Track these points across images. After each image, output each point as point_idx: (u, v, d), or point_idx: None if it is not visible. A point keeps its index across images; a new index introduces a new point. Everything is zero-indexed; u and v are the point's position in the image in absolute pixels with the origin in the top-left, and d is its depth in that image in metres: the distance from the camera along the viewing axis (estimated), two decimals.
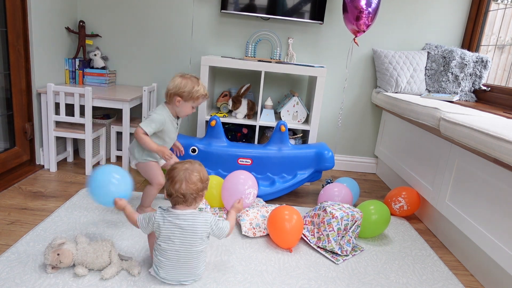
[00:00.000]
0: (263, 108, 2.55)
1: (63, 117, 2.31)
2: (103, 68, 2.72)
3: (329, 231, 1.71)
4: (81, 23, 2.66)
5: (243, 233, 1.79)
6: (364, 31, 2.35)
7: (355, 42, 2.43)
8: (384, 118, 2.87)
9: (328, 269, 1.60)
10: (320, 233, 1.74)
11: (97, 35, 2.75)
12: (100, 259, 1.39)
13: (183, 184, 1.32)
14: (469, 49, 2.77)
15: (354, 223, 1.75)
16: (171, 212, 1.34)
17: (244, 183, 1.93)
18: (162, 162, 1.94)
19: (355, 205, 2.20)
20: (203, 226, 1.35)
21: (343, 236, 1.72)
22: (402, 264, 1.70)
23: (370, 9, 2.26)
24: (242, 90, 2.51)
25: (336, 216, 1.71)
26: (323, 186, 2.46)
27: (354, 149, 3.05)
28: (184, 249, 1.33)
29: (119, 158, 2.74)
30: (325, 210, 1.76)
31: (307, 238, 1.78)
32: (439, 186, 1.98)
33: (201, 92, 1.81)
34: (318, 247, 1.74)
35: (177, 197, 1.33)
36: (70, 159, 2.64)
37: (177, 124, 1.91)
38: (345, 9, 2.36)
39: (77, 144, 2.79)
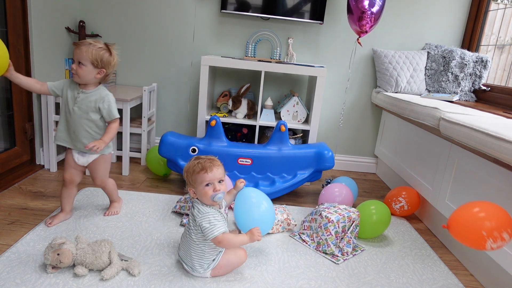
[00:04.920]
0: (263, 108, 2.55)
1: None
2: None
3: (327, 235, 1.70)
4: (81, 23, 2.66)
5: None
6: (366, 32, 2.35)
7: (358, 42, 2.43)
8: (384, 118, 2.87)
9: (328, 269, 1.60)
10: (319, 237, 1.74)
11: (97, 35, 2.75)
12: (99, 260, 1.39)
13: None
14: (469, 49, 2.77)
15: (352, 224, 1.74)
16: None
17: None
18: (83, 156, 1.71)
19: (354, 206, 2.20)
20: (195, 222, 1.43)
21: (342, 238, 1.72)
22: (402, 264, 1.70)
23: (373, 10, 2.26)
24: (242, 90, 2.51)
25: (332, 220, 1.70)
26: (323, 186, 2.46)
27: (354, 149, 3.05)
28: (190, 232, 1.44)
29: (119, 158, 2.74)
30: (321, 214, 1.75)
31: (307, 244, 1.77)
32: (439, 186, 1.98)
33: None
34: (319, 251, 1.73)
35: None
36: None
37: (78, 94, 1.61)
38: (349, 10, 2.37)
39: None
